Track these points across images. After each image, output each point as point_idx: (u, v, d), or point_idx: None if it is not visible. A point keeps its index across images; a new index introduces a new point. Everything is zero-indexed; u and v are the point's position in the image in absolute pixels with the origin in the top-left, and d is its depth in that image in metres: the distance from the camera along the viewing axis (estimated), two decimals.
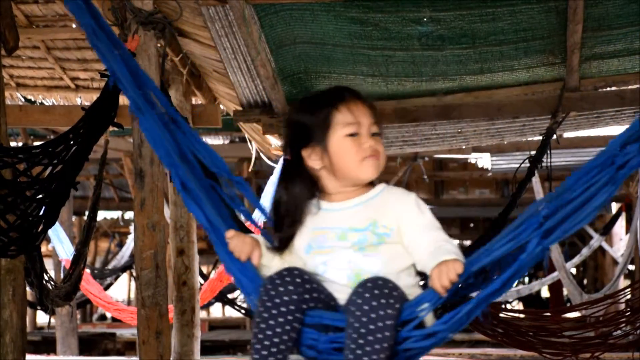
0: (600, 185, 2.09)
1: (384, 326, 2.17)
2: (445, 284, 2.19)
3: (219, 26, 4.65)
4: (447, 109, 5.45)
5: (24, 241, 3.25)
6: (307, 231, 2.47)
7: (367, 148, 2.44)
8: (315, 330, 2.31)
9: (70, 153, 3.26)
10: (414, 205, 2.42)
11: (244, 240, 2.46)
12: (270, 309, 2.28)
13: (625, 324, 4.57)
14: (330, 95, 2.53)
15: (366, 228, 2.39)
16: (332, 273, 2.40)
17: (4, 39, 3.79)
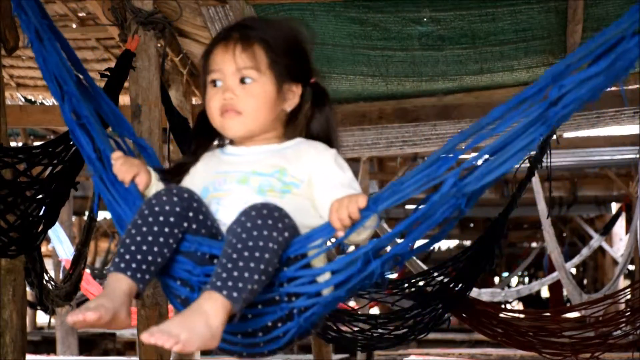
0: (528, 123, 1.77)
1: (264, 247, 1.86)
2: (344, 217, 1.88)
3: (219, 26, 4.65)
4: (447, 109, 5.46)
5: (24, 241, 3.26)
6: (207, 174, 2.17)
7: (220, 101, 2.13)
8: (190, 260, 2.00)
9: (70, 153, 3.26)
10: (331, 160, 2.10)
11: (131, 161, 2.16)
12: (146, 216, 1.97)
13: (625, 324, 4.57)
14: (217, 33, 2.26)
15: (272, 174, 2.08)
16: (224, 212, 2.07)
17: (4, 39, 3.79)
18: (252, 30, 2.14)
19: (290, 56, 2.16)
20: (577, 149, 9.78)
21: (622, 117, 5.69)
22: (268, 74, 2.12)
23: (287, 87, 2.16)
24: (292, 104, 2.19)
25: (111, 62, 6.51)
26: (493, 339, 4.66)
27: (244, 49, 2.11)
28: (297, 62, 2.19)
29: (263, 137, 2.17)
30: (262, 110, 2.12)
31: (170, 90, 5.68)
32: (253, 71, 2.11)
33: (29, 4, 2.41)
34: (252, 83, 2.11)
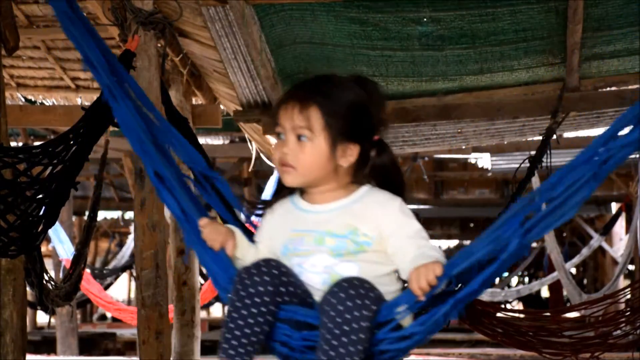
0: (584, 182, 2.05)
1: (359, 328, 2.10)
2: (423, 286, 2.11)
3: (219, 26, 4.65)
4: (447, 109, 5.46)
5: (24, 241, 3.26)
6: (284, 232, 2.37)
7: (279, 153, 2.34)
8: (288, 327, 2.24)
9: (70, 153, 3.26)
10: (398, 213, 2.30)
11: (217, 228, 2.36)
12: (243, 298, 2.19)
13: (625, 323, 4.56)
14: (287, 91, 2.44)
15: (345, 235, 2.29)
16: (307, 276, 2.30)
17: (4, 39, 3.80)
18: (314, 92, 2.32)
19: (348, 119, 2.31)
20: (577, 149, 9.76)
21: None
22: (322, 135, 2.29)
23: (342, 146, 2.32)
24: (348, 161, 2.34)
25: None
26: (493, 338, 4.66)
27: (301, 110, 2.30)
28: (355, 124, 2.33)
29: (328, 189, 2.36)
30: (313, 167, 2.32)
31: (170, 91, 5.68)
32: (307, 131, 2.29)
33: (100, 62, 2.57)
34: (306, 142, 2.30)
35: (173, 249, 6.01)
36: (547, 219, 2.07)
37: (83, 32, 2.58)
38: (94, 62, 2.56)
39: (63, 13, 2.59)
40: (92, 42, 2.58)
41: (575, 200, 2.06)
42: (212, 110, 6.34)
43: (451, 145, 6.43)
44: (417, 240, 2.25)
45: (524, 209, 2.09)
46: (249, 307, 2.19)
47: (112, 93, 2.54)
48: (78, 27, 2.58)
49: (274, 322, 2.23)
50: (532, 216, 2.08)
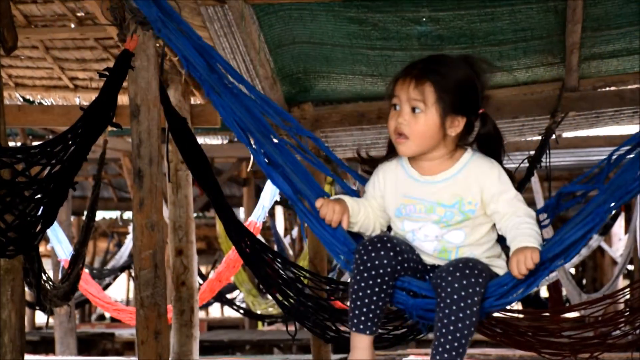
0: None
1: (470, 312, 2.46)
2: (523, 272, 2.47)
3: (217, 26, 4.65)
4: None
5: (22, 241, 3.25)
6: (396, 195, 2.68)
7: (394, 123, 2.63)
8: (404, 294, 2.60)
9: (68, 153, 3.25)
10: (496, 181, 2.62)
11: (333, 207, 2.65)
12: (365, 277, 2.51)
13: (625, 324, 4.55)
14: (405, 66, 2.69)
15: (453, 205, 2.61)
16: (419, 243, 2.66)
17: (2, 39, 3.79)
18: (429, 69, 2.62)
19: (457, 94, 2.62)
20: (576, 149, 9.78)
21: (621, 117, 5.69)
22: (434, 108, 2.60)
23: (451, 118, 2.63)
24: (456, 131, 2.65)
25: (110, 61, 6.50)
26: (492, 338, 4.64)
27: (417, 84, 2.60)
28: (463, 99, 2.64)
29: (435, 156, 2.66)
30: (425, 137, 2.62)
31: (169, 90, 5.68)
32: (421, 103, 2.60)
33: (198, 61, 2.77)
34: (420, 113, 2.61)
35: (172, 249, 6.00)
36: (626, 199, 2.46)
37: (178, 34, 2.67)
38: (192, 62, 2.66)
39: (156, 18, 2.66)
40: (187, 43, 2.67)
41: None
42: (210, 110, 6.33)
43: None
44: (513, 206, 2.60)
45: (608, 200, 2.47)
46: (370, 285, 2.51)
47: (213, 89, 2.67)
48: (172, 29, 2.67)
49: (392, 292, 2.57)
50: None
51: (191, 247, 6.03)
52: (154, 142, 3.74)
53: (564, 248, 2.50)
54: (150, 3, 2.71)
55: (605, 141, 9.21)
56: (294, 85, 5.42)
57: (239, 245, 3.56)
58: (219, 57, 2.82)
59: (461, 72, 2.65)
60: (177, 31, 2.68)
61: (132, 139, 3.83)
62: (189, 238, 6.02)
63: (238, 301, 13.45)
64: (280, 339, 12.11)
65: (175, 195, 6.02)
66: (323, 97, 5.61)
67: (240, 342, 12.32)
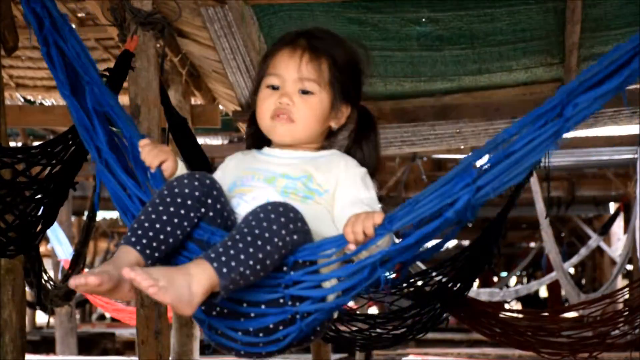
0: (544, 139, 1.83)
1: (269, 238, 1.87)
2: (358, 231, 1.87)
3: (217, 27, 4.65)
4: (445, 109, 5.46)
5: (22, 241, 3.26)
6: (237, 171, 2.21)
7: (276, 104, 2.16)
8: (200, 249, 1.98)
9: (69, 153, 3.26)
10: (359, 177, 2.13)
11: (160, 147, 2.16)
12: (165, 196, 1.97)
13: (623, 323, 4.57)
14: (282, 36, 2.25)
15: (298, 178, 2.12)
16: (244, 207, 2.08)
17: (3, 39, 3.80)
18: (321, 42, 2.19)
19: (349, 77, 2.21)
20: (575, 149, 9.78)
21: (621, 117, 5.70)
22: (327, 90, 2.17)
23: (339, 105, 2.21)
24: (339, 122, 2.24)
25: (110, 62, 6.51)
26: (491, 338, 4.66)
27: (311, 59, 2.16)
28: (353, 84, 2.23)
29: (302, 145, 2.22)
30: (313, 123, 2.18)
31: (169, 91, 5.69)
32: (315, 84, 2.16)
33: None
34: (311, 95, 2.16)
35: None
36: (502, 176, 1.85)
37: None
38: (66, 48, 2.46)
39: None
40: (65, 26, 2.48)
41: (533, 158, 1.85)
42: (211, 111, 6.34)
43: (450, 146, 6.43)
44: (366, 208, 2.01)
45: (477, 162, 1.88)
46: (167, 205, 1.96)
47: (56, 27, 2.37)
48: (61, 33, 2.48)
49: (186, 238, 1.99)
50: (484, 172, 1.86)
51: None
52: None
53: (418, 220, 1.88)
54: None
55: (605, 141, 9.22)
56: None
57: None
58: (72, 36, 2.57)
59: (353, 52, 2.24)
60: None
61: None
62: None
63: None
64: None
65: None
66: None
67: None
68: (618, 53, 1.80)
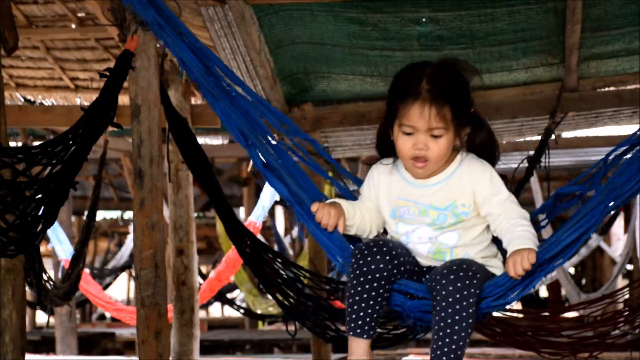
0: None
1: (466, 314, 2.44)
2: (520, 272, 2.46)
3: (218, 26, 4.65)
4: None
5: (22, 241, 3.25)
6: (390, 197, 2.68)
7: (413, 151, 2.58)
8: (401, 295, 2.60)
9: (69, 153, 3.25)
10: (487, 183, 2.62)
11: (329, 211, 2.65)
12: (361, 282, 2.51)
13: (624, 323, 4.56)
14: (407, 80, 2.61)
15: (446, 208, 2.61)
16: (414, 246, 2.65)
17: (3, 39, 3.80)
18: (443, 90, 2.54)
19: (466, 107, 2.62)
20: (575, 149, 9.78)
21: (621, 117, 5.70)
22: (452, 128, 2.58)
23: (461, 132, 2.63)
24: (462, 139, 2.67)
25: (110, 62, 6.52)
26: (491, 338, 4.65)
27: (437, 112, 2.54)
28: (469, 109, 2.65)
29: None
30: (444, 156, 2.62)
31: (169, 91, 5.69)
32: (442, 130, 2.57)
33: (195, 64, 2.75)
34: (441, 138, 2.58)
35: (172, 248, 6.01)
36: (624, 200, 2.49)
37: (175, 36, 2.63)
38: (189, 64, 2.63)
39: (153, 20, 2.62)
40: (184, 45, 2.64)
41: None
42: (211, 111, 6.31)
43: None
44: (506, 207, 2.59)
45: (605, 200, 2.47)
46: (367, 289, 2.51)
47: (210, 92, 2.64)
48: (169, 32, 2.63)
49: (389, 295, 2.58)
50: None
51: (191, 246, 6.04)
52: (155, 142, 3.75)
53: (560, 249, 2.50)
54: (147, 5, 2.68)
55: (605, 141, 9.22)
56: (294, 86, 5.43)
57: (239, 245, 3.57)
58: (216, 59, 2.81)
59: (462, 83, 2.62)
60: (174, 33, 2.66)
61: (132, 139, 3.84)
62: (190, 238, 6.03)
63: (238, 301, 13.45)
64: (280, 339, 12.11)
65: (175, 195, 6.03)
66: (323, 97, 5.62)
67: (241, 341, 12.32)
68: None
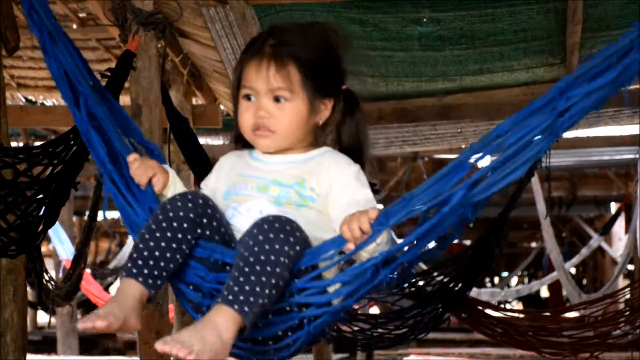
0: (537, 133, 1.86)
1: (275, 260, 1.89)
2: (354, 228, 1.89)
3: (219, 27, 4.65)
4: (446, 109, 5.47)
5: (23, 241, 3.26)
6: (230, 176, 2.20)
7: (254, 119, 2.14)
8: (203, 267, 2.04)
9: (70, 153, 3.26)
10: (352, 176, 2.10)
11: (148, 163, 2.18)
12: (161, 222, 2.00)
13: (625, 323, 4.57)
14: (252, 41, 2.19)
15: (291, 185, 2.10)
16: (238, 219, 2.10)
17: (5, 39, 3.80)
18: (285, 46, 2.11)
19: (323, 72, 2.16)
20: (576, 149, 9.78)
21: (622, 117, 5.71)
22: (301, 93, 2.12)
23: (317, 103, 2.16)
24: (323, 117, 2.19)
25: (112, 62, 6.52)
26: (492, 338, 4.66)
27: (278, 69, 2.10)
28: (330, 76, 2.19)
29: (291, 149, 2.19)
30: (294, 129, 2.14)
31: (170, 91, 5.69)
32: (287, 92, 2.11)
33: (41, 4, 2.42)
34: (285, 103, 2.11)
35: None
36: (496, 173, 1.85)
37: None
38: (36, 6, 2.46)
39: None
40: None
41: (527, 155, 1.86)
42: (212, 111, 6.35)
43: (451, 145, 6.44)
44: (363, 207, 1.98)
45: (470, 157, 1.89)
46: (164, 230, 1.99)
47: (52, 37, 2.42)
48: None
49: (187, 258, 2.04)
50: (478, 169, 1.87)
51: None
52: (156, 142, 3.75)
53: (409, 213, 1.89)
54: None
55: (606, 142, 9.22)
56: None
57: None
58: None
59: (322, 43, 2.18)
60: None
61: None
62: None
63: None
64: None
65: None
66: None
67: None
68: (613, 49, 1.82)
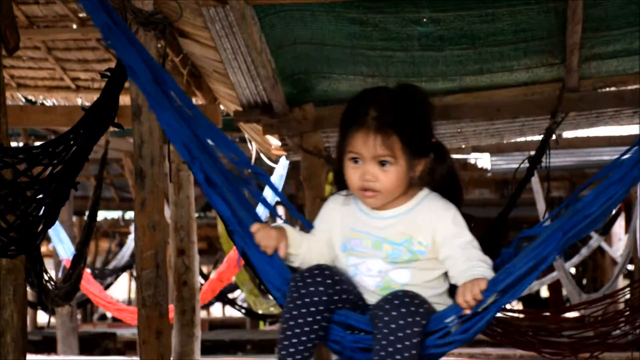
0: (616, 198, 2.26)
1: (410, 345, 2.23)
2: (469, 300, 2.26)
3: (219, 27, 4.65)
4: (446, 109, 5.46)
5: (23, 241, 3.26)
6: (344, 229, 2.49)
7: (361, 182, 2.43)
8: (341, 329, 2.38)
9: (70, 153, 3.26)
10: (450, 224, 2.44)
11: (269, 233, 2.45)
12: (298, 307, 2.31)
13: (625, 323, 4.56)
14: (352, 109, 2.47)
15: (401, 243, 2.43)
16: (362, 278, 2.44)
17: (4, 40, 3.80)
18: (387, 118, 2.39)
19: (419, 136, 2.44)
20: (576, 149, 9.79)
21: (622, 117, 5.70)
22: (402, 157, 2.41)
23: (414, 162, 2.44)
24: (418, 171, 2.47)
25: (112, 62, 6.52)
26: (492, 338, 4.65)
27: (383, 140, 2.38)
28: (424, 139, 2.47)
29: (393, 202, 2.47)
30: (396, 187, 2.43)
31: None
32: (390, 158, 2.40)
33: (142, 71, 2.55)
34: (389, 166, 2.41)
35: (173, 249, 6.02)
36: (581, 230, 2.28)
37: (124, 41, 2.58)
38: (136, 71, 2.55)
39: (103, 24, 2.58)
40: (133, 51, 2.57)
41: (606, 213, 2.30)
42: (212, 111, 6.35)
43: (451, 145, 6.43)
44: (467, 251, 2.40)
45: (564, 226, 2.28)
46: (304, 315, 2.31)
47: (155, 100, 2.54)
48: (119, 37, 2.58)
49: (328, 326, 2.36)
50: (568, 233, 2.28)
51: (193, 247, 6.05)
52: (156, 142, 3.76)
53: (515, 279, 2.29)
54: (99, 9, 2.58)
55: (606, 141, 9.22)
56: (295, 86, 5.43)
57: None
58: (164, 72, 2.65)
59: (416, 110, 2.46)
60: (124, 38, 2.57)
61: (133, 139, 3.85)
62: (191, 238, 6.04)
63: (240, 301, 13.47)
64: None
65: (176, 195, 6.04)
66: (324, 97, 5.62)
67: (242, 341, 12.32)
68: None
